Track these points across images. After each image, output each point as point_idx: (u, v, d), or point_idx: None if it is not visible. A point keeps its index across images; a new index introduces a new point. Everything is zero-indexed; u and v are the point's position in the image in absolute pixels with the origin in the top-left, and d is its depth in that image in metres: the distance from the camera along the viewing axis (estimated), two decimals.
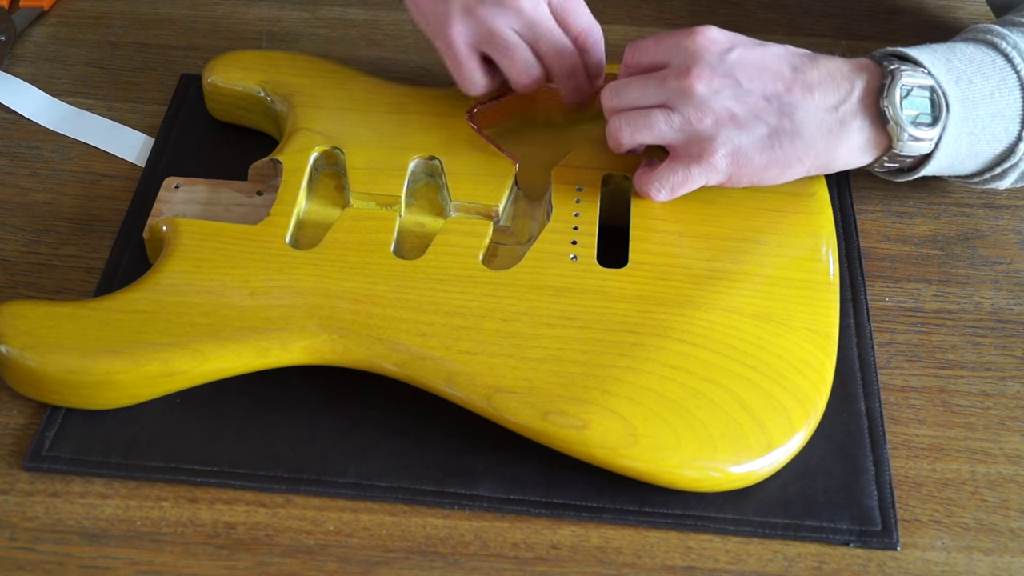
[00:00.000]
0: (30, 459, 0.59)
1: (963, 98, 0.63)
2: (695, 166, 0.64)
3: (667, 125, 0.63)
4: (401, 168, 0.69)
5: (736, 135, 0.62)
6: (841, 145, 0.63)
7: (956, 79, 0.64)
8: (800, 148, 0.63)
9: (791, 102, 0.62)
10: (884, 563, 0.57)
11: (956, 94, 0.63)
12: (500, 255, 0.67)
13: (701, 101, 0.62)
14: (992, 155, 0.66)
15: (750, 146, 0.63)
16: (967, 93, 0.64)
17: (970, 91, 0.64)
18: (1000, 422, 0.63)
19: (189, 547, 0.57)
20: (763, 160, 0.63)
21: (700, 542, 0.58)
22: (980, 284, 0.70)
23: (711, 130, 0.62)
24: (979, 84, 0.64)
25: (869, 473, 0.60)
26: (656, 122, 0.64)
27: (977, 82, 0.64)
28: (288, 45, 0.85)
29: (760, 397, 0.59)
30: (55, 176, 0.75)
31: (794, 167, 0.64)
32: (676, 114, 0.63)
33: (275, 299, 0.62)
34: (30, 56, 0.84)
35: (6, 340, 0.60)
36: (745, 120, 0.62)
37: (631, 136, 0.65)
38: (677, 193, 0.66)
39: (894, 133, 0.63)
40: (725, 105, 0.62)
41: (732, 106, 0.62)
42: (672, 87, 0.63)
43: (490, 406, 0.59)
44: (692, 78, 0.62)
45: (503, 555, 0.57)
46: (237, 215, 0.68)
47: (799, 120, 0.62)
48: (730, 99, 0.62)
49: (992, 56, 0.65)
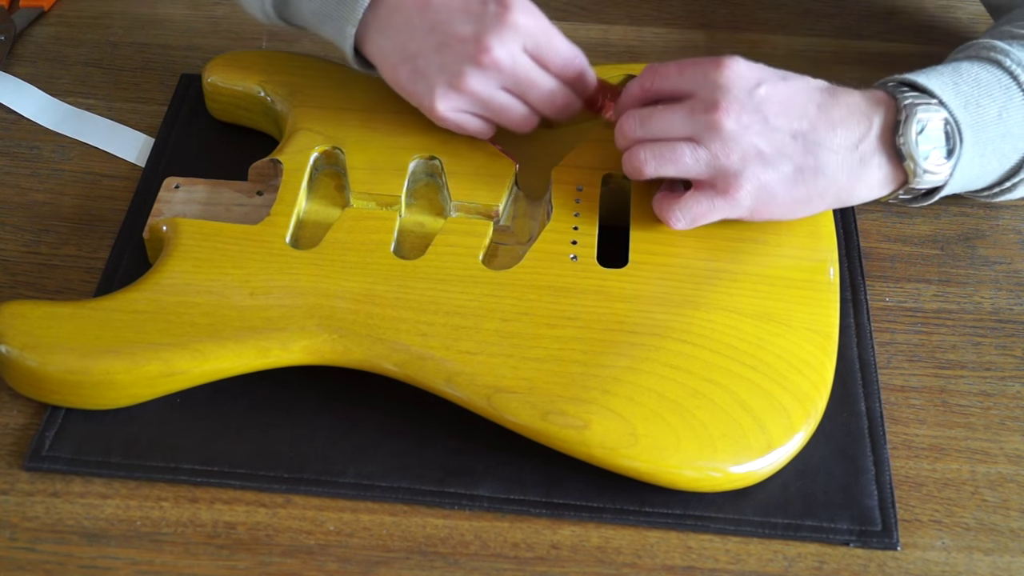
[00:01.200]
0: (30, 459, 0.59)
1: (973, 123, 0.64)
2: (719, 199, 0.63)
3: (693, 159, 0.63)
4: (401, 168, 0.69)
5: (762, 172, 0.62)
6: (861, 183, 0.64)
7: (965, 103, 0.64)
8: (822, 185, 0.63)
9: (816, 140, 0.62)
10: (884, 563, 0.57)
11: (966, 120, 0.63)
12: (500, 255, 0.67)
13: (729, 137, 0.61)
14: (1002, 172, 0.67)
15: (775, 183, 0.63)
16: (976, 118, 0.64)
17: (979, 115, 0.64)
18: (1000, 422, 0.63)
19: (189, 547, 0.57)
20: (786, 197, 0.63)
21: (700, 542, 0.58)
22: (980, 284, 0.70)
23: (737, 166, 0.62)
24: (987, 107, 0.64)
25: (869, 473, 0.60)
26: (682, 156, 0.63)
27: (985, 105, 0.64)
28: (288, 45, 0.85)
29: (760, 397, 0.59)
30: (55, 176, 0.75)
31: (815, 203, 0.64)
32: (703, 148, 0.62)
33: (275, 299, 0.62)
34: (30, 56, 0.84)
35: (6, 340, 0.60)
36: (772, 157, 0.62)
37: (656, 169, 0.64)
38: (697, 223, 0.65)
39: (910, 170, 0.63)
40: (752, 141, 0.62)
41: (759, 143, 0.62)
42: (700, 121, 0.62)
43: (490, 406, 0.59)
44: (720, 112, 0.61)
45: (503, 555, 0.57)
46: (237, 215, 0.68)
47: (823, 159, 0.62)
48: (758, 135, 0.62)
49: (997, 75, 0.65)
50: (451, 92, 0.66)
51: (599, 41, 0.70)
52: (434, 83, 0.66)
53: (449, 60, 0.65)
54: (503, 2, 0.65)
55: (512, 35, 0.65)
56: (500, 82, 0.66)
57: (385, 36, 0.67)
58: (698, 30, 0.87)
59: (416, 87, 0.67)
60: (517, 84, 0.67)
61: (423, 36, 0.66)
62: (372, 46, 0.68)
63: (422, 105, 0.68)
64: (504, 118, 0.68)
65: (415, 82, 0.67)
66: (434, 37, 0.65)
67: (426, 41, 0.66)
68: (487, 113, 0.68)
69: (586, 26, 0.87)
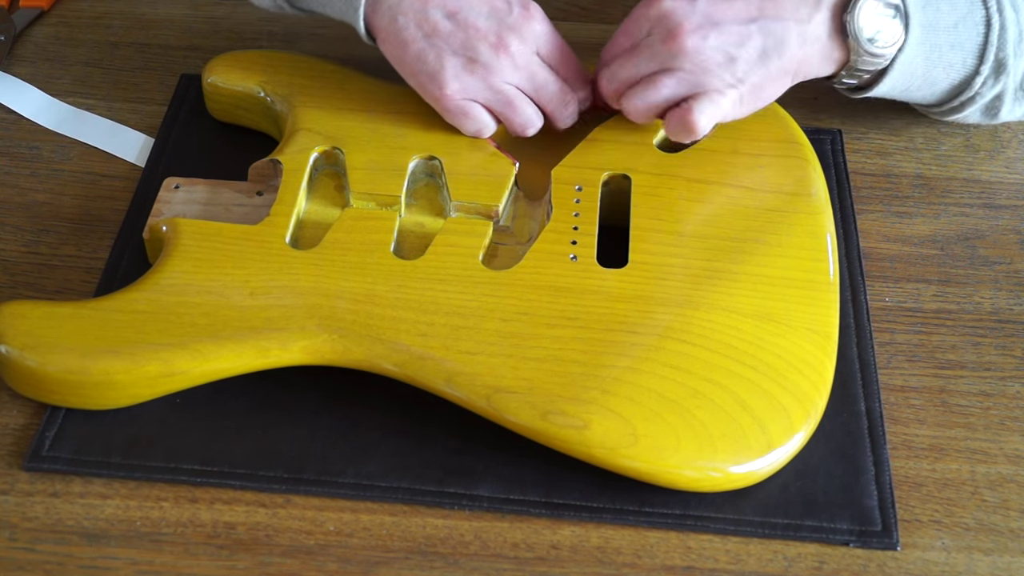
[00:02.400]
0: (30, 459, 0.59)
1: (926, 23, 0.66)
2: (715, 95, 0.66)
3: (674, 82, 0.66)
4: (401, 168, 0.69)
5: (736, 67, 0.65)
6: (813, 55, 0.67)
7: (924, 3, 0.66)
8: (786, 60, 0.66)
9: (770, 17, 0.65)
10: (884, 563, 0.57)
11: (919, 19, 0.66)
12: (500, 255, 0.67)
13: (694, 52, 0.65)
14: (949, 85, 0.69)
15: (748, 70, 0.66)
16: (931, 19, 0.66)
17: (935, 18, 0.66)
18: (1000, 422, 0.63)
19: (189, 547, 0.57)
20: (760, 78, 0.66)
21: (700, 542, 0.58)
22: (980, 284, 0.70)
23: (714, 71, 0.65)
24: (946, 13, 0.66)
25: (869, 473, 0.60)
26: (662, 85, 0.66)
27: (945, 11, 0.66)
28: (288, 45, 0.85)
29: (760, 397, 0.59)
30: (55, 176, 0.75)
31: (785, 79, 0.67)
32: (677, 72, 0.65)
33: (275, 299, 0.62)
34: (30, 56, 0.84)
35: (6, 340, 0.60)
36: (737, 51, 0.65)
37: (646, 107, 0.67)
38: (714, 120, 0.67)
39: (853, 48, 0.66)
40: (714, 46, 0.65)
41: (723, 43, 0.65)
42: (662, 52, 0.65)
43: (490, 406, 0.59)
44: (678, 39, 0.64)
45: (503, 555, 0.57)
46: (237, 215, 0.68)
47: (780, 32, 0.65)
48: (717, 38, 0.65)
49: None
50: (464, 73, 0.67)
51: (600, 41, 0.70)
52: (447, 63, 0.67)
53: (467, 44, 0.66)
54: (527, 8, 0.68)
55: (531, 38, 0.68)
56: (514, 77, 0.67)
57: (399, 12, 0.68)
58: None
59: (425, 66, 0.67)
60: (530, 80, 0.68)
61: (440, 19, 0.67)
62: (382, 20, 0.68)
63: (428, 87, 0.68)
64: (511, 112, 0.69)
65: (425, 61, 0.67)
66: (453, 23, 0.67)
67: (443, 24, 0.67)
68: (495, 104, 0.68)
69: (586, 26, 0.87)
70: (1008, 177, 0.76)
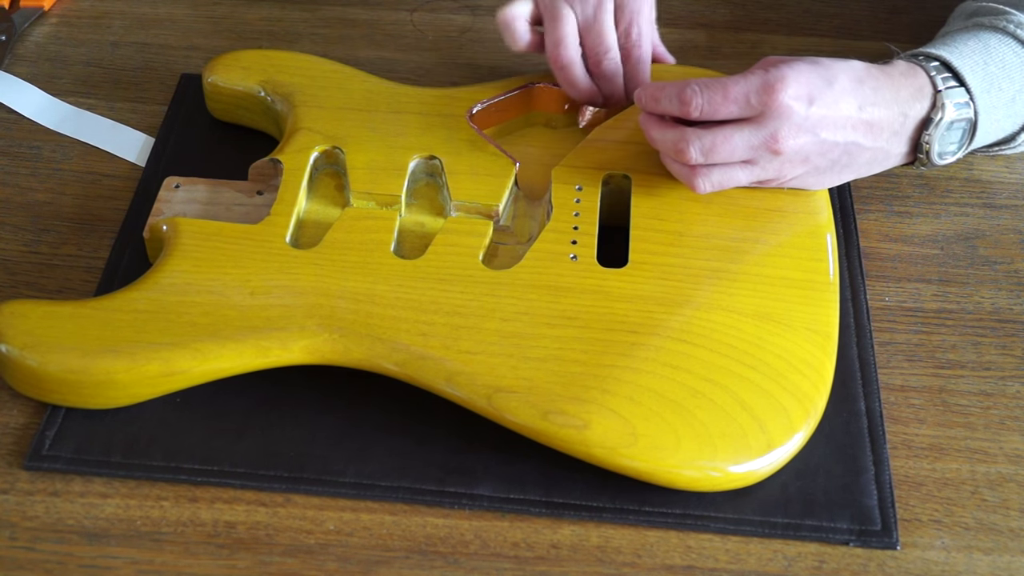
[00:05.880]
0: (30, 459, 0.59)
1: (989, 107, 0.66)
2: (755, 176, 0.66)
3: (746, 175, 0.66)
4: (401, 168, 0.69)
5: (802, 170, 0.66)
6: (873, 168, 0.68)
7: (988, 88, 0.66)
8: (846, 175, 0.68)
9: (857, 143, 0.65)
10: (884, 563, 0.57)
11: (984, 104, 0.66)
12: (500, 255, 0.67)
13: (786, 159, 0.64)
14: (994, 139, 0.70)
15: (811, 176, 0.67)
16: (993, 102, 0.66)
17: (997, 99, 0.67)
18: (1000, 422, 0.63)
19: (189, 546, 0.57)
20: (814, 182, 0.68)
21: (700, 541, 0.58)
22: (980, 284, 0.70)
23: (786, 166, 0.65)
24: (1005, 90, 0.67)
25: (869, 473, 0.60)
26: (742, 175, 0.66)
27: (1005, 88, 0.67)
28: (288, 45, 0.85)
29: (760, 397, 0.59)
30: (55, 176, 0.75)
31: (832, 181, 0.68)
32: (758, 167, 0.65)
33: (275, 299, 0.62)
34: (30, 56, 0.84)
35: (7, 340, 0.60)
36: (816, 162, 0.65)
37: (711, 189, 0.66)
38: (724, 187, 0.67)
39: (921, 160, 0.67)
40: (804, 153, 0.64)
41: (810, 153, 0.64)
42: (760, 150, 0.64)
43: (490, 406, 0.59)
44: (780, 143, 0.63)
45: (503, 555, 0.57)
46: (237, 215, 0.68)
47: (857, 156, 0.66)
48: (810, 147, 0.64)
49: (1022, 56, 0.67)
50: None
51: None
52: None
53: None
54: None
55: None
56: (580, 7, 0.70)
57: None
58: (698, 30, 0.87)
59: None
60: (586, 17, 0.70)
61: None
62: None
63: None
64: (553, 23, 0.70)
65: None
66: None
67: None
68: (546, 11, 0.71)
69: None
70: (1008, 177, 0.76)
